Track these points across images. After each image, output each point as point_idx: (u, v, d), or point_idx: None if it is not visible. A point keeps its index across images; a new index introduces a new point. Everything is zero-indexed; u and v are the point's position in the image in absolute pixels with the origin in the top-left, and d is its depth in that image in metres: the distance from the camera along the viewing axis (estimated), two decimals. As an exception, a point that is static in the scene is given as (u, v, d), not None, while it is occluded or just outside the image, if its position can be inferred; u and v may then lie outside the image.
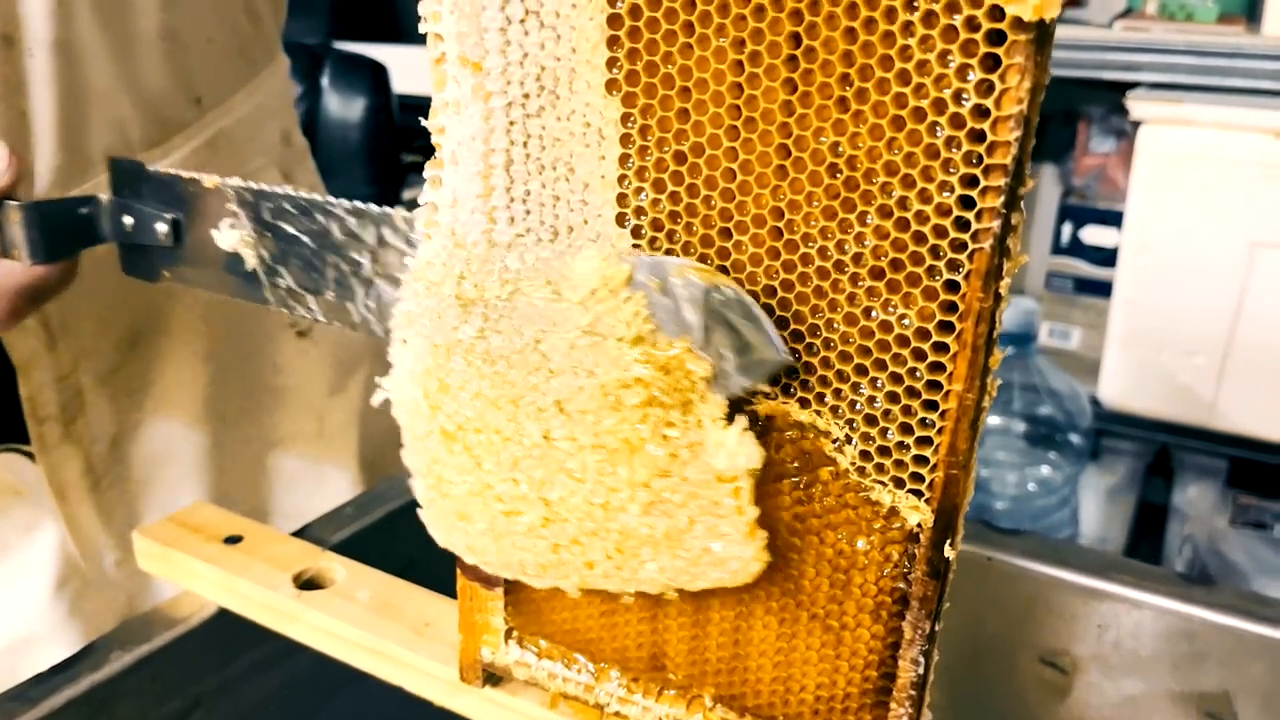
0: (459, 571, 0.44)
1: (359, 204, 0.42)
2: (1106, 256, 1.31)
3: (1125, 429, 1.26)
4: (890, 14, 0.29)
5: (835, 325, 0.33)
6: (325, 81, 1.66)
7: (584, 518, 0.37)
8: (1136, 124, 1.17)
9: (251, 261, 0.46)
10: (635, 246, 0.35)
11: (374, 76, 1.72)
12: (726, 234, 0.34)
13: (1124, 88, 1.21)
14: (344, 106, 1.66)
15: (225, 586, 0.59)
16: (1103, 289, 1.30)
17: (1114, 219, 1.30)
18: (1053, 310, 1.41)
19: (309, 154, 0.85)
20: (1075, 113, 1.39)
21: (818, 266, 0.33)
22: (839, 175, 0.31)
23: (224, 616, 0.60)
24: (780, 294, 0.34)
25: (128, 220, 0.49)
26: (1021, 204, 0.31)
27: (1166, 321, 1.19)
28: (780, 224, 0.33)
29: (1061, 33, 1.27)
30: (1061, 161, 1.49)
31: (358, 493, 0.83)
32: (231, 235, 0.46)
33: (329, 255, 0.43)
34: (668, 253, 0.35)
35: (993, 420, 1.25)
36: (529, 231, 0.36)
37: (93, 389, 0.67)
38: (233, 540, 0.62)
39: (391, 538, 0.71)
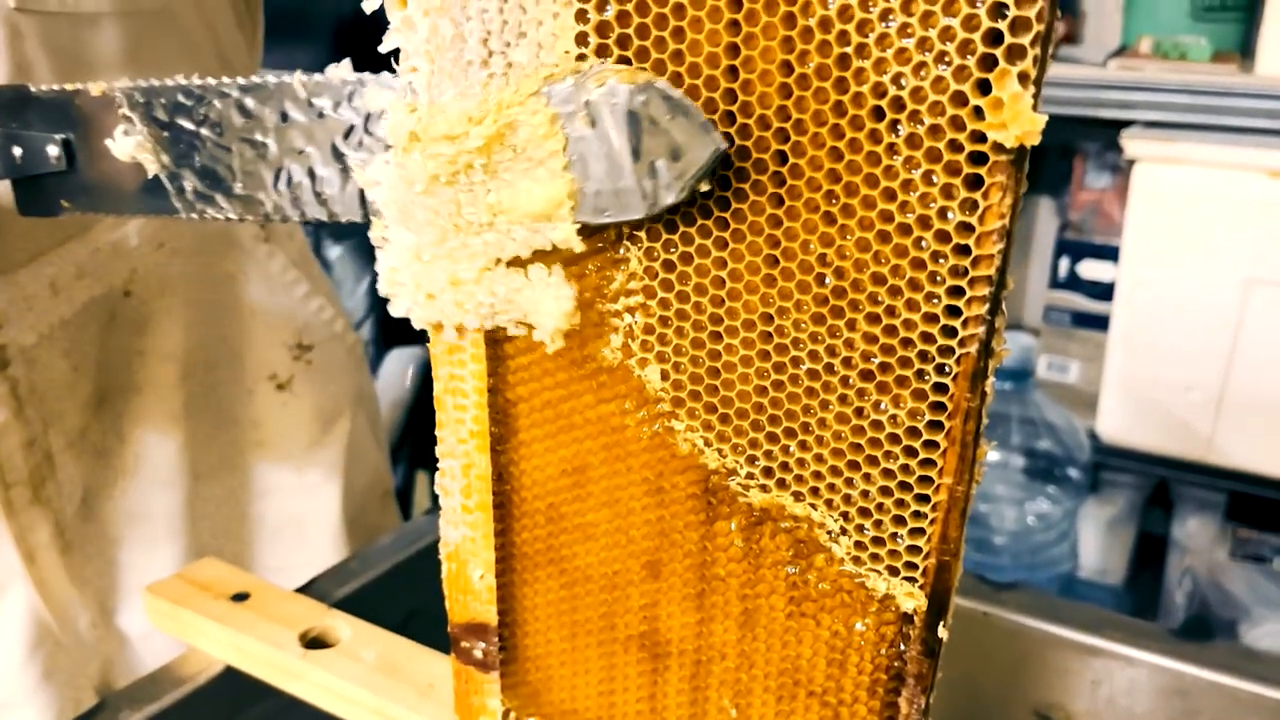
0: (453, 656, 0.45)
1: (254, 79, 0.39)
2: (1104, 291, 1.32)
3: (1124, 463, 1.27)
4: (874, 136, 0.30)
5: (827, 423, 0.34)
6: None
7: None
8: (1131, 162, 1.18)
9: (153, 167, 0.42)
10: (626, 344, 0.36)
11: (376, 110, 1.72)
12: (717, 336, 0.35)
13: (1119, 125, 1.22)
14: (346, 140, 1.67)
15: (233, 645, 0.60)
16: (1100, 323, 1.31)
17: (1111, 254, 1.31)
18: (1051, 344, 1.41)
19: None
20: (1071, 148, 1.40)
21: (808, 368, 0.34)
22: (826, 283, 0.32)
23: (230, 674, 0.61)
24: (772, 393, 0.35)
25: (17, 151, 0.46)
26: (1004, 305, 0.32)
27: (1163, 357, 1.20)
28: (770, 328, 0.34)
29: (1056, 71, 1.28)
30: (1059, 195, 1.50)
31: (339, 546, 0.84)
32: (127, 142, 0.42)
33: (233, 144, 0.40)
34: (659, 356, 0.36)
35: (991, 455, 1.25)
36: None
37: (62, 451, 0.67)
38: (240, 597, 0.63)
39: (395, 591, 0.72)
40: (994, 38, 0.28)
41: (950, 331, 0.31)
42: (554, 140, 0.34)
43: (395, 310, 0.39)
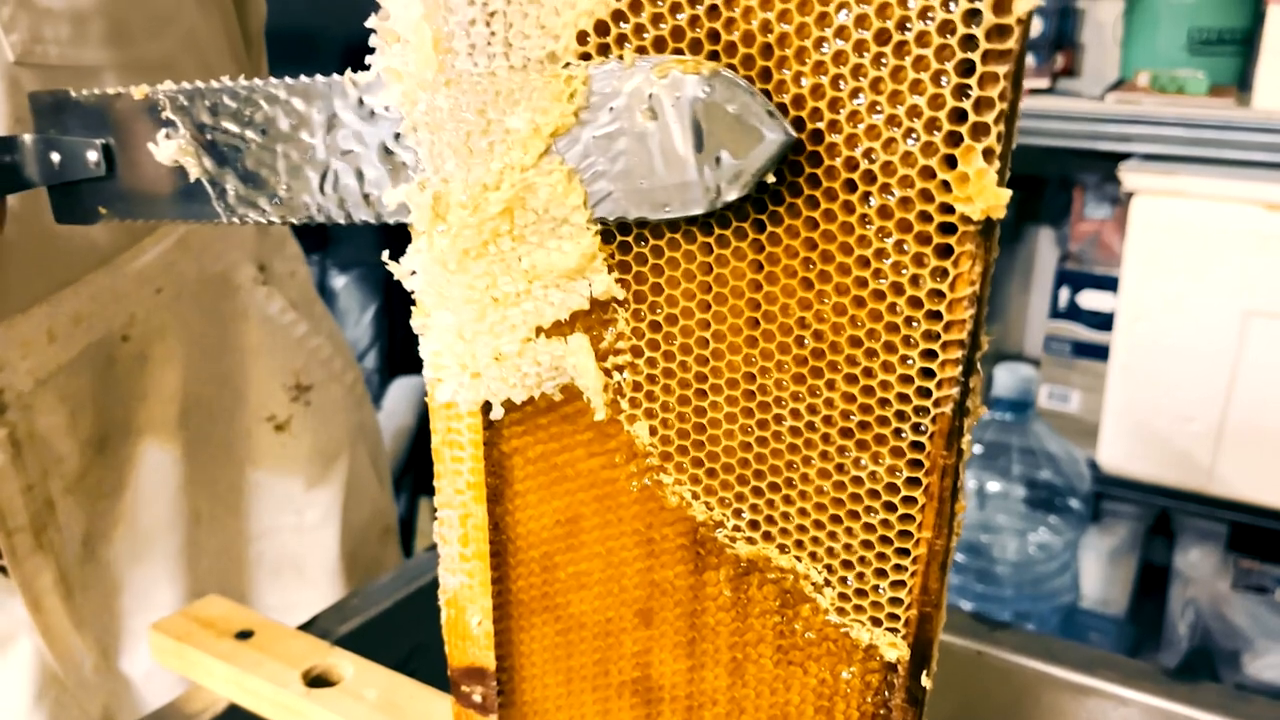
0: (453, 700, 0.46)
1: (303, 79, 0.38)
2: (1104, 321, 1.33)
3: (1125, 493, 1.27)
4: (847, 206, 0.31)
5: (810, 478, 0.35)
6: (335, 149, 1.69)
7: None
8: (1130, 194, 1.19)
9: (195, 171, 0.41)
10: (615, 400, 0.38)
11: (383, 142, 1.73)
12: (702, 394, 0.36)
13: (1117, 157, 1.23)
14: (353, 173, 1.69)
15: (237, 683, 0.61)
16: (1101, 353, 1.31)
17: (1110, 284, 1.31)
18: (1052, 373, 1.42)
19: (290, 237, 0.84)
20: (1070, 179, 1.41)
21: (790, 425, 0.35)
22: (806, 345, 0.33)
23: (234, 712, 0.62)
24: (756, 449, 0.36)
25: (55, 157, 0.45)
26: (978, 366, 0.33)
27: (1163, 388, 1.21)
28: (753, 387, 0.35)
29: (1055, 104, 1.29)
30: (1059, 225, 1.51)
31: (339, 584, 0.84)
32: (170, 146, 0.41)
33: (278, 146, 0.40)
34: (647, 412, 0.37)
35: (993, 486, 1.26)
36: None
37: (62, 496, 0.67)
38: (244, 635, 0.64)
39: (397, 627, 0.73)
40: (959, 116, 0.29)
41: (925, 392, 0.32)
42: (574, 195, 0.34)
43: (441, 395, 0.40)
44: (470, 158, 0.35)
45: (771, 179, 0.31)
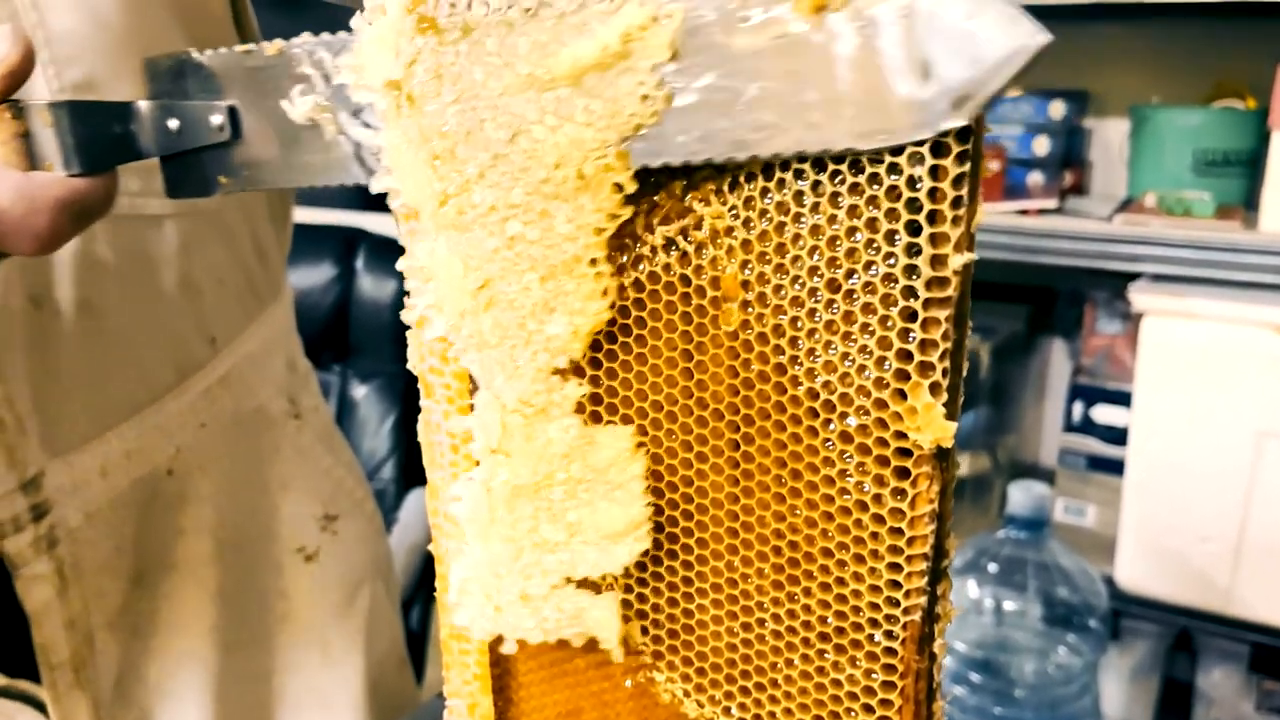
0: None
1: None
2: (1118, 435, 1.33)
3: (1144, 611, 1.26)
4: (812, 430, 0.33)
5: (793, 679, 0.37)
6: (359, 264, 1.73)
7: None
8: (1139, 314, 1.20)
9: (330, 129, 0.38)
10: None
11: (406, 256, 1.78)
12: (689, 597, 0.37)
13: (1127, 276, 1.24)
14: (376, 287, 1.73)
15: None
16: (1116, 467, 1.31)
17: (1124, 399, 1.31)
18: (1067, 487, 1.42)
19: (312, 375, 0.86)
20: (1082, 294, 1.42)
21: (772, 629, 0.36)
22: (782, 553, 0.35)
23: None
24: (742, 649, 0.37)
25: (173, 124, 0.41)
26: (948, 572, 0.35)
27: (1178, 507, 1.20)
28: (735, 591, 0.36)
29: (1063, 224, 1.31)
30: (1071, 339, 1.52)
31: (361, 717, 0.85)
32: (305, 103, 0.38)
33: None
34: (639, 613, 0.38)
35: (1009, 604, 1.25)
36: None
37: (101, 630, 0.67)
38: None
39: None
40: (905, 355, 0.31)
41: (894, 601, 0.34)
42: (636, 464, 0.36)
43: (458, 619, 0.40)
44: (517, 370, 0.36)
45: (1017, 91, 0.28)
